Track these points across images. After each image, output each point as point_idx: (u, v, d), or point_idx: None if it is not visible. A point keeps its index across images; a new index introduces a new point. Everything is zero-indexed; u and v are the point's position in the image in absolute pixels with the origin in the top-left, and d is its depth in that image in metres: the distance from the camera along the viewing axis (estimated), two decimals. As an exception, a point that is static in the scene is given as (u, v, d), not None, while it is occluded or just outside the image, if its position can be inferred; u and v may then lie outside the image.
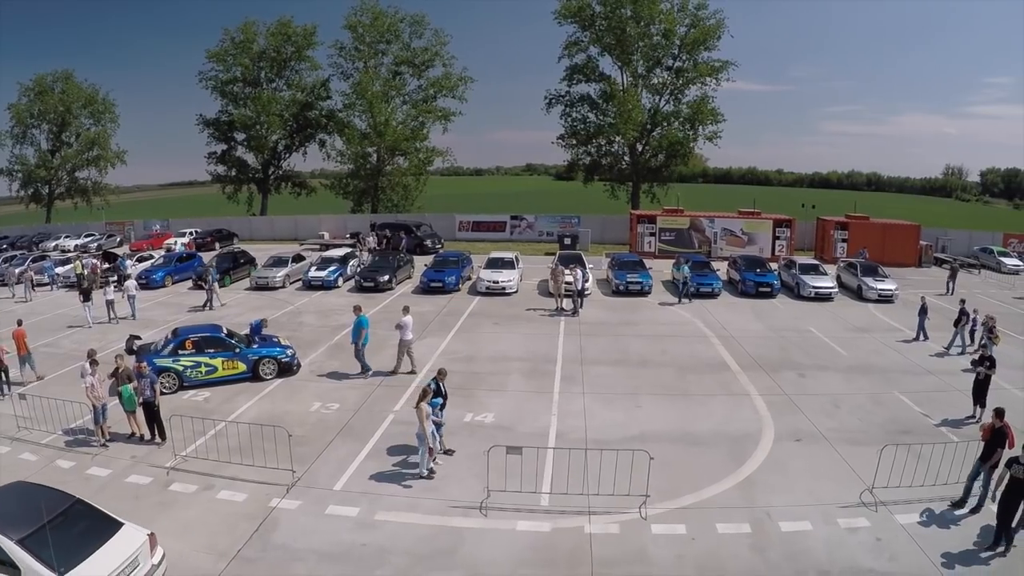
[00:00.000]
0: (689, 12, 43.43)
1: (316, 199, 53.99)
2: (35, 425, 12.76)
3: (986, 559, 8.93)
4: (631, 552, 9.23)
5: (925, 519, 9.97)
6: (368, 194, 48.39)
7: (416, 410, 10.93)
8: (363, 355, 16.21)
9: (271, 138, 49.47)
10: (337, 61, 46.99)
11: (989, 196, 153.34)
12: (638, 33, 42.94)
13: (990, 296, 26.63)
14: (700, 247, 35.70)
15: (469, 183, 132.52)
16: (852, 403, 14.81)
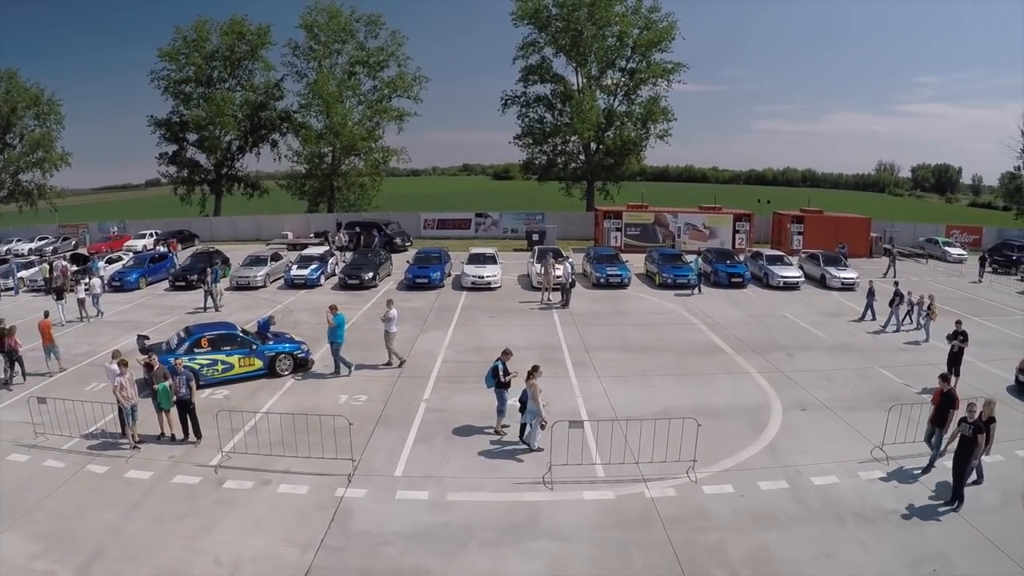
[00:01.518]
0: (642, 15, 45.77)
1: (269, 200, 53.50)
2: (51, 430, 12.55)
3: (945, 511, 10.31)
4: (692, 510, 10.40)
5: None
6: (324, 194, 48.97)
7: (530, 387, 11.88)
8: (340, 354, 16.40)
9: (224, 138, 49.53)
10: (291, 61, 47.75)
11: (920, 191, 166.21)
12: (594, 35, 44.89)
13: (940, 283, 29.75)
14: (664, 241, 37.69)
15: (407, 184, 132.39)
16: (841, 377, 16.66)
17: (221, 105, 46.19)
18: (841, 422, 13.80)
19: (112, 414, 12.97)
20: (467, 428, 13.36)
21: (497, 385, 12.86)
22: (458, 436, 13.00)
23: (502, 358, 13.01)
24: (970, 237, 41.33)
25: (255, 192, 52.96)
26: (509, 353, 13.25)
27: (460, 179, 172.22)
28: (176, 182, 50.92)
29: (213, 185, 51.27)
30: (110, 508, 10.11)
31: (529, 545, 9.41)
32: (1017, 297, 27.30)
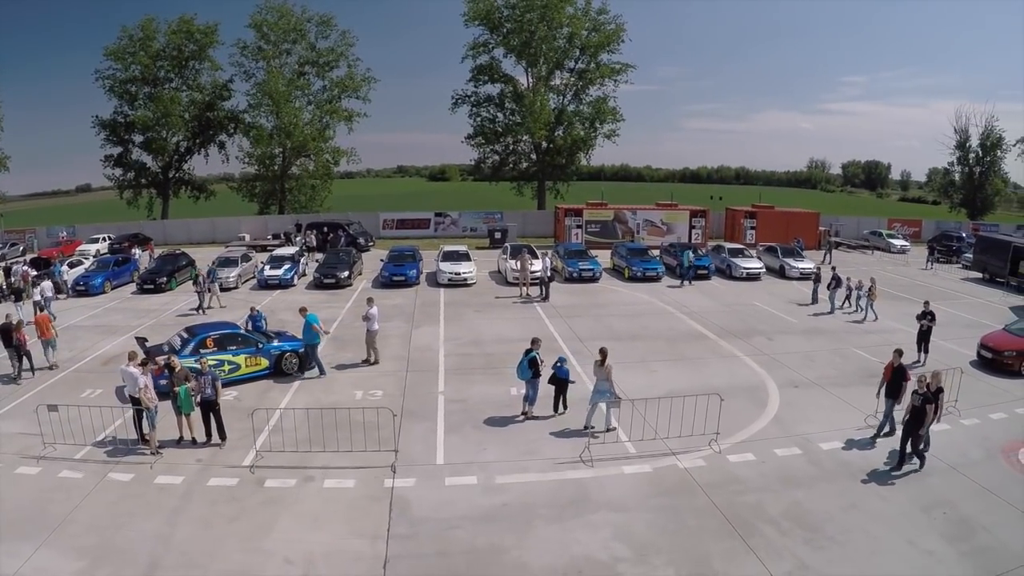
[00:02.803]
0: (591, 17, 47.54)
1: (216, 202, 52.62)
2: (58, 440, 12.16)
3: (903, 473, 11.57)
4: (724, 476, 11.48)
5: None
6: (275, 196, 48.91)
7: (605, 369, 12.87)
8: (317, 354, 16.48)
9: (171, 140, 48.65)
10: (239, 60, 47.51)
11: (851, 187, 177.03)
12: (545, 36, 46.41)
13: (890, 272, 32.66)
14: (623, 237, 39.27)
15: (341, 186, 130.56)
16: (822, 357, 18.33)
17: (168, 105, 45.49)
18: (831, 396, 15.29)
19: (121, 419, 12.77)
20: (492, 417, 13.97)
21: (533, 375, 13.63)
22: (486, 424, 13.60)
23: (534, 348, 13.79)
24: (910, 229, 45.29)
25: (202, 195, 52.01)
26: (538, 342, 14.04)
27: (395, 181, 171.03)
28: (122, 185, 49.44)
29: (160, 188, 50.24)
30: (150, 516, 9.99)
31: (590, 517, 10.19)
32: (961, 283, 30.36)
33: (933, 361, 17.31)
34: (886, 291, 27.36)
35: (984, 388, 15.62)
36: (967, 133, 56.78)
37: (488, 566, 8.93)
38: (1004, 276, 29.19)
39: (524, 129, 47.34)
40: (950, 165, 60.01)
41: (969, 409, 14.16)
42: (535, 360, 13.58)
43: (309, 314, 16.48)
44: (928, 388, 11.64)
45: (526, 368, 13.66)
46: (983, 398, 14.89)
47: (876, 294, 22.70)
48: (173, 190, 50.72)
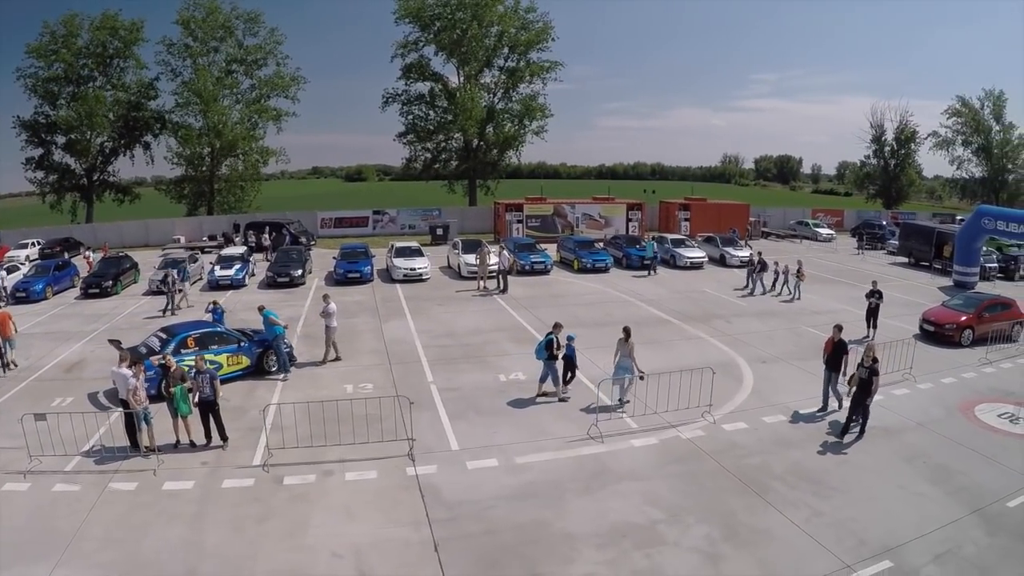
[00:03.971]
0: (519, 16, 48.65)
1: (141, 205, 50.32)
2: (41, 452, 11.38)
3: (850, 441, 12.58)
4: (724, 444, 12.46)
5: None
6: (203, 197, 47.59)
7: (629, 346, 13.78)
8: (283, 350, 16.19)
9: (95, 141, 46.46)
10: (166, 59, 46.04)
11: (764, 180, 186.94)
12: (476, 34, 47.21)
13: (823, 259, 35.52)
14: (563, 231, 40.43)
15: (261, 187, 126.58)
16: (779, 336, 19.90)
17: (92, 105, 43.53)
18: (797, 369, 16.71)
19: (105, 426, 12.28)
20: (491, 403, 14.39)
21: (549, 357, 14.18)
22: (488, 410, 13.98)
23: (554, 331, 14.39)
24: (833, 219, 49.11)
25: (126, 198, 49.78)
26: (560, 326, 14.67)
27: (311, 182, 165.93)
28: (44, 188, 47.01)
29: (84, 191, 47.95)
30: (170, 524, 9.63)
31: (616, 487, 10.82)
32: (889, 267, 33.43)
33: (880, 336, 19.11)
34: (823, 276, 30.04)
35: (931, 357, 17.49)
36: (882, 128, 62.09)
37: (536, 539, 9.33)
38: (929, 260, 32.44)
39: (456, 126, 48.04)
40: (866, 158, 65.37)
41: (923, 375, 15.94)
42: (552, 342, 14.15)
43: (266, 310, 16.34)
44: (875, 361, 12.65)
45: (543, 349, 14.23)
46: (932, 366, 16.76)
47: (804, 275, 24.88)
48: (97, 193, 48.62)
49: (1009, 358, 17.76)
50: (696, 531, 9.57)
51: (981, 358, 17.45)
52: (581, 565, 8.75)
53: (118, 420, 12.29)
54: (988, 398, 14.79)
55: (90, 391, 14.85)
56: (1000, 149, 61.91)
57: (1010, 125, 62.47)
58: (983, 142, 61.85)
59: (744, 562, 8.84)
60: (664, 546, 9.20)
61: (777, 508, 10.17)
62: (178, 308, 22.49)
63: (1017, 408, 13.89)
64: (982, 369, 16.83)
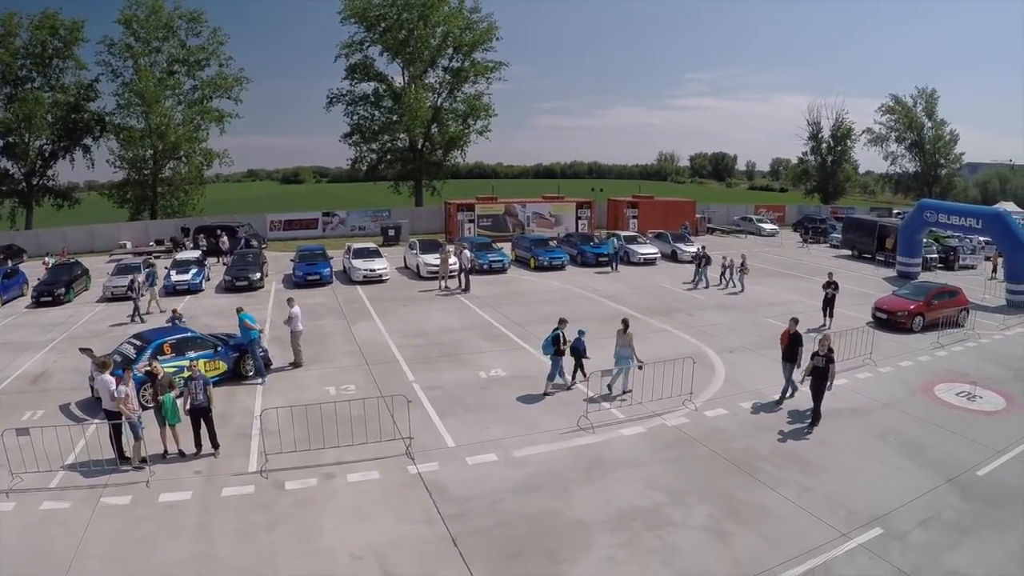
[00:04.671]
0: (464, 16, 48.88)
1: (82, 210, 48.25)
2: (19, 468, 10.77)
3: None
4: (709, 429, 13.05)
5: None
6: (146, 201, 45.94)
7: (627, 337, 14.29)
8: (259, 354, 15.87)
9: (34, 144, 44.28)
10: (106, 59, 44.20)
11: (700, 178, 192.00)
12: (422, 35, 47.28)
13: (769, 253, 37.22)
14: (514, 230, 40.86)
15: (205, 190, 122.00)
16: (742, 327, 20.81)
17: (32, 107, 41.56)
18: (764, 358, 17.53)
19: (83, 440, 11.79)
20: (476, 399, 14.53)
21: (555, 352, 14.51)
22: (475, 406, 14.12)
23: (560, 327, 14.72)
24: (776, 214, 51.32)
25: (66, 203, 47.45)
26: (565, 322, 15.01)
27: (246, 185, 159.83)
28: None
29: (23, 196, 45.47)
30: (175, 537, 9.29)
31: (615, 474, 11.20)
32: (834, 260, 35.24)
33: (835, 325, 20.21)
34: (773, 270, 31.57)
35: (887, 343, 18.66)
36: (819, 126, 65.19)
37: (550, 529, 9.56)
38: (872, 252, 34.45)
39: (402, 127, 47.96)
40: (804, 155, 68.39)
41: (882, 360, 17.09)
42: (558, 338, 14.51)
43: (243, 313, 15.94)
44: (830, 350, 13.12)
45: (549, 345, 14.62)
46: (889, 351, 17.95)
47: (748, 269, 26.16)
48: (37, 199, 46.28)
49: (959, 342, 19.26)
50: (699, 511, 10.04)
51: (933, 342, 18.85)
52: (599, 549, 9.04)
53: (97, 431, 11.77)
54: (945, 379, 16.03)
55: (61, 403, 14.16)
56: (933, 145, 66.33)
57: (942, 122, 67.13)
58: (916, 138, 65.97)
59: (749, 537, 9.36)
60: (673, 527, 9.62)
61: (769, 486, 10.77)
62: (147, 313, 21.80)
63: (973, 387, 15.12)
64: (935, 353, 18.17)
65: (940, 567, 8.71)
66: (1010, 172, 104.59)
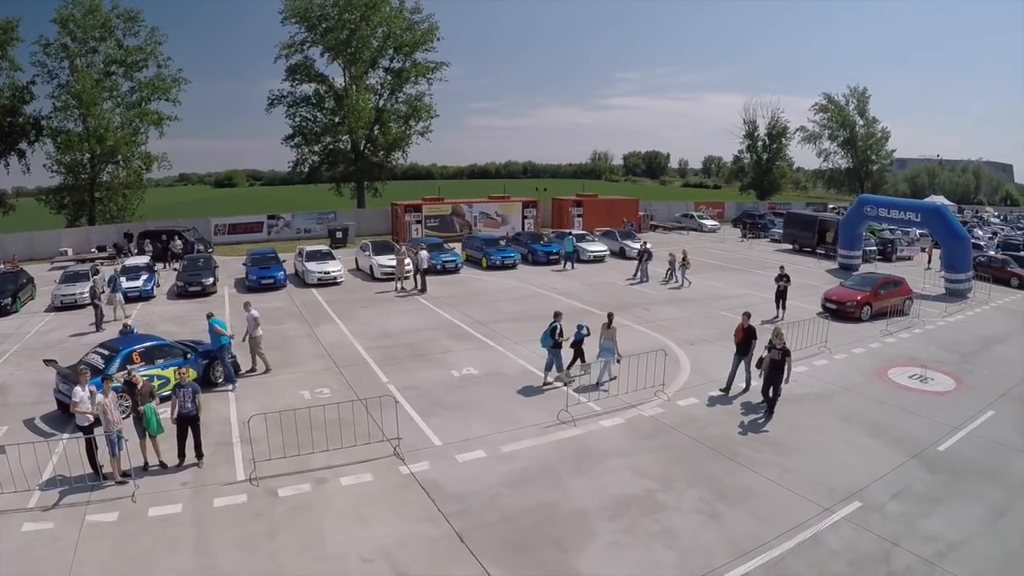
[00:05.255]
0: (404, 17, 48.59)
1: (16, 217, 44.90)
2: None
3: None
4: (684, 418, 13.57)
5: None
6: (84, 207, 43.49)
7: (611, 331, 14.85)
8: (229, 361, 15.45)
9: None
10: (41, 60, 41.29)
11: (633, 176, 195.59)
12: (363, 35, 46.76)
13: (711, 248, 38.58)
14: (461, 230, 40.94)
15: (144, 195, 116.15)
16: (698, 320, 21.62)
17: None
18: (724, 349, 18.00)
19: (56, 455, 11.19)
20: (454, 398, 14.58)
21: (554, 345, 14.87)
22: (454, 405, 14.16)
23: (556, 320, 15.02)
24: (715, 211, 53.12)
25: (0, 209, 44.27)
26: (560, 315, 15.35)
27: (178, 189, 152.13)
28: None
29: None
30: (173, 552, 8.91)
31: (604, 464, 11.51)
32: (776, 254, 36.91)
33: (787, 316, 21.18)
34: (720, 264, 32.89)
35: (838, 332, 19.51)
36: (755, 124, 67.74)
37: (552, 519, 9.76)
38: (812, 246, 36.21)
39: (345, 128, 47.32)
40: (740, 152, 70.94)
41: (836, 348, 18.12)
42: (556, 330, 14.83)
43: (213, 318, 15.52)
44: (785, 344, 13.47)
45: (548, 337, 14.92)
46: (841, 339, 18.96)
47: (689, 263, 27.25)
48: None
49: (906, 329, 20.67)
50: (690, 495, 10.47)
51: (882, 330, 20.13)
52: (603, 536, 9.31)
53: (65, 448, 11.21)
54: (897, 363, 17.19)
55: (24, 417, 13.32)
56: (864, 142, 70.16)
57: (873, 119, 71.08)
58: (848, 136, 69.57)
59: (741, 516, 9.85)
60: (667, 511, 10.00)
61: (751, 468, 11.34)
62: (108, 321, 20.83)
63: (923, 370, 16.34)
64: (885, 340, 19.43)
65: (918, 533, 9.43)
66: (938, 167, 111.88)
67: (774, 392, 13.60)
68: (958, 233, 26.74)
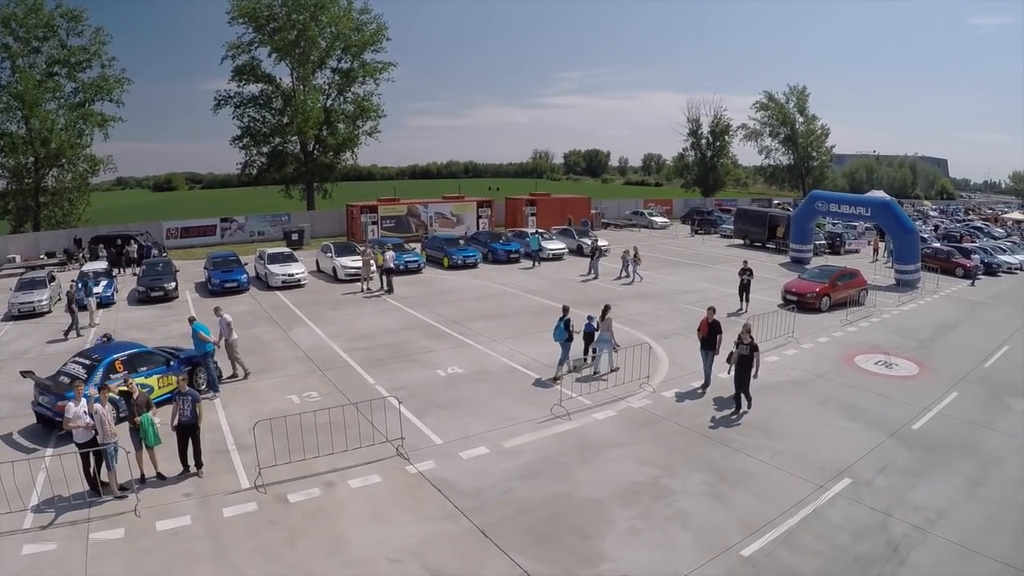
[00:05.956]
0: (352, 17, 48.08)
1: None
2: None
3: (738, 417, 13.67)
4: (672, 408, 14.06)
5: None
6: (28, 212, 41.31)
7: (607, 322, 15.32)
8: (212, 367, 14.98)
9: None
10: None
11: (574, 174, 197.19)
12: (312, 36, 46.10)
13: (664, 245, 39.60)
14: (417, 230, 40.86)
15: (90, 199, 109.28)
16: (666, 315, 22.25)
17: None
18: (696, 342, 18.72)
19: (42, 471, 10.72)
20: (445, 397, 14.65)
21: (568, 338, 15.27)
22: (447, 403, 14.22)
23: (566, 314, 15.42)
24: (664, 208, 54.46)
25: None
26: (568, 309, 15.85)
27: (116, 194, 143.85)
28: None
29: None
30: (190, 565, 8.61)
31: (606, 454, 11.84)
32: (728, 249, 38.20)
33: (751, 308, 21.97)
34: (675, 260, 33.86)
35: (801, 323, 20.44)
36: (699, 122, 69.58)
37: (568, 509, 10.00)
38: (763, 241, 37.64)
39: (293, 129, 46.50)
40: (684, 150, 72.81)
41: (802, 337, 19.07)
42: (569, 323, 15.26)
43: (196, 323, 15.03)
44: (752, 338, 13.63)
45: (562, 331, 15.27)
46: (805, 330, 19.91)
47: (641, 259, 28.15)
48: None
49: (864, 318, 21.90)
50: (693, 479, 10.92)
51: (843, 320, 21.28)
52: (621, 522, 9.62)
53: (57, 462, 10.67)
54: (861, 351, 18.23)
55: (1, 432, 12.64)
56: (805, 139, 73.15)
57: (813, 117, 74.14)
58: (789, 133, 72.36)
59: (744, 496, 10.36)
60: (675, 495, 10.41)
61: (744, 453, 11.90)
62: (88, 326, 20.31)
63: (887, 356, 17.43)
64: (846, 329, 20.54)
65: (907, 504, 10.17)
66: (875, 163, 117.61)
67: (744, 387, 13.71)
68: (907, 226, 28.44)
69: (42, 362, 16.74)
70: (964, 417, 13.77)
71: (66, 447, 11.39)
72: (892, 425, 13.17)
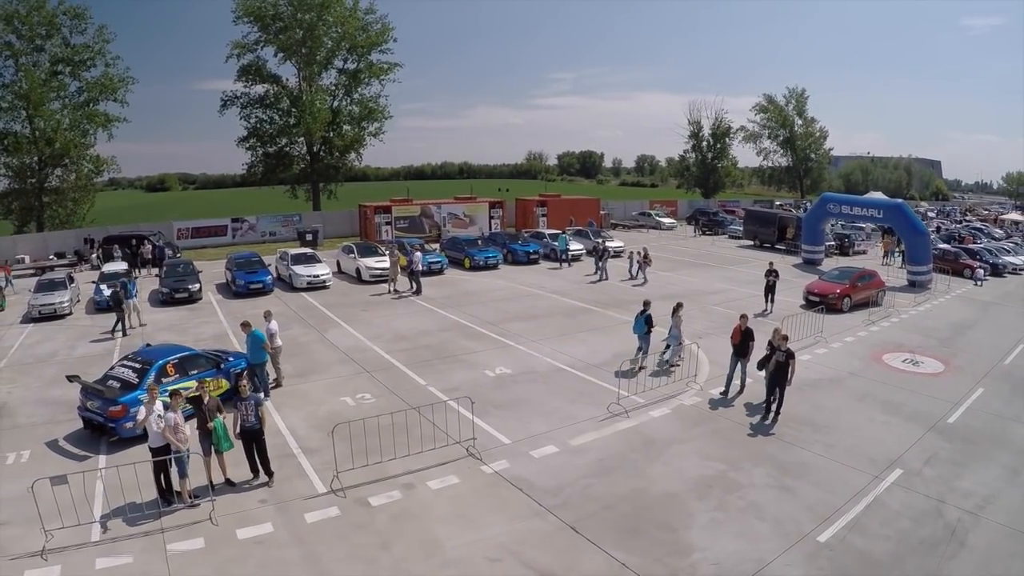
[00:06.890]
0: (358, 17, 48.34)
1: None
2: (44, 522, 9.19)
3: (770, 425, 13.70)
4: (721, 404, 14.69)
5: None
6: (32, 212, 41.20)
7: (678, 318, 16.28)
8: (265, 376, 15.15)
9: None
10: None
11: (568, 175, 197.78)
12: (319, 36, 46.36)
13: (675, 246, 40.23)
14: (430, 231, 41.25)
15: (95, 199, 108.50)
16: (698, 314, 22.41)
17: None
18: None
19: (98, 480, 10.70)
20: (500, 397, 15.03)
21: (648, 331, 16.58)
22: (504, 404, 14.61)
23: (647, 308, 16.50)
24: (670, 209, 55.18)
25: None
26: (650, 303, 16.99)
27: (109, 195, 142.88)
28: None
29: None
30: (283, 573, 8.76)
31: (671, 450, 12.38)
32: (738, 250, 38.84)
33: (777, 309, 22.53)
34: (690, 261, 34.50)
35: (827, 322, 20.97)
36: (700, 124, 70.30)
37: (649, 504, 10.50)
38: (772, 242, 38.36)
39: (301, 130, 46.67)
40: (685, 152, 73.51)
41: (830, 337, 19.69)
42: (650, 318, 16.19)
43: (255, 330, 15.10)
44: (786, 344, 13.63)
45: (642, 324, 16.23)
46: (829, 330, 20.50)
47: (651, 261, 28.68)
48: None
49: (885, 318, 22.61)
50: (758, 472, 11.50)
51: (865, 320, 21.98)
52: (701, 514, 10.17)
53: (117, 470, 10.47)
54: (888, 349, 18.91)
55: (45, 439, 12.66)
56: (803, 141, 74.19)
57: (811, 119, 75.16)
58: (788, 135, 73.33)
59: (807, 487, 10.97)
60: (745, 488, 10.98)
61: (799, 446, 12.52)
62: (131, 328, 20.63)
63: (912, 355, 18.17)
64: (870, 328, 21.23)
65: (956, 491, 10.91)
66: (871, 164, 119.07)
67: (779, 394, 13.75)
68: (918, 228, 29.24)
69: (72, 365, 16.80)
70: (993, 411, 14.55)
71: (120, 453, 11.71)
72: (929, 419, 13.87)
